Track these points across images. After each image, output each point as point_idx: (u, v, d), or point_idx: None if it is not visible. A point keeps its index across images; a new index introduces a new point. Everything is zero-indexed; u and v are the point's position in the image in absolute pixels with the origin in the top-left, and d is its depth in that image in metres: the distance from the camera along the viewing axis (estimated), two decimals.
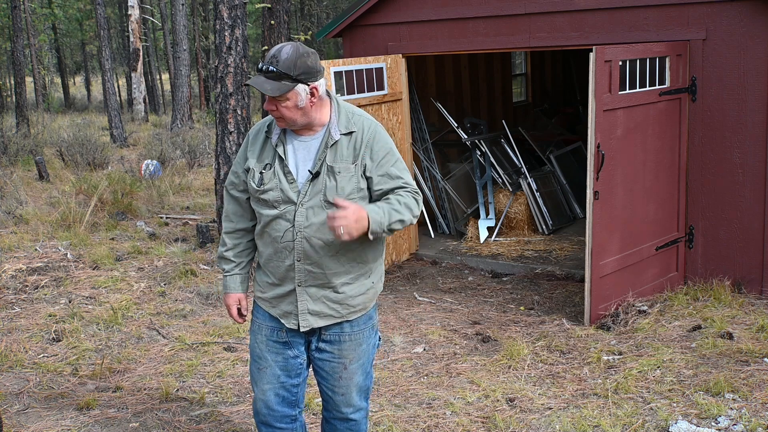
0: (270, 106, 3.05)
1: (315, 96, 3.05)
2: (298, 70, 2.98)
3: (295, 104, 3.02)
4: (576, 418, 4.52)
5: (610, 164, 5.98)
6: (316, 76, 3.04)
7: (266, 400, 3.37)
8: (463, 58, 10.39)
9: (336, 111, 3.16)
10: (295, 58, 2.98)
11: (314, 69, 3.03)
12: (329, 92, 3.19)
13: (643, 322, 5.93)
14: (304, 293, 3.20)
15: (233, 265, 3.39)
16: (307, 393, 4.94)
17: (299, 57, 2.99)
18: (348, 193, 3.08)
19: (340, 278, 3.19)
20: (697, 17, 6.44)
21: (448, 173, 9.41)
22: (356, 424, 3.45)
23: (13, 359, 5.54)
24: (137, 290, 7.10)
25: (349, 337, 3.29)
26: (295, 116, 3.06)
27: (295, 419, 3.44)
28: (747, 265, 6.54)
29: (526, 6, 7.22)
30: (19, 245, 8.55)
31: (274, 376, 3.33)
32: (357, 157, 3.10)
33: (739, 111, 6.38)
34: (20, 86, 19.80)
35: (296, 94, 3.01)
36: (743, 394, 4.72)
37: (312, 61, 3.02)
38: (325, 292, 3.20)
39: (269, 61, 3.00)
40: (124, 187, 11.45)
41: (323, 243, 3.11)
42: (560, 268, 7.62)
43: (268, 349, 3.33)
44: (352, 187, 3.09)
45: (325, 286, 3.19)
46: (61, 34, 36.27)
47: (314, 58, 3.05)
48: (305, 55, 3.01)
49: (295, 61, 2.98)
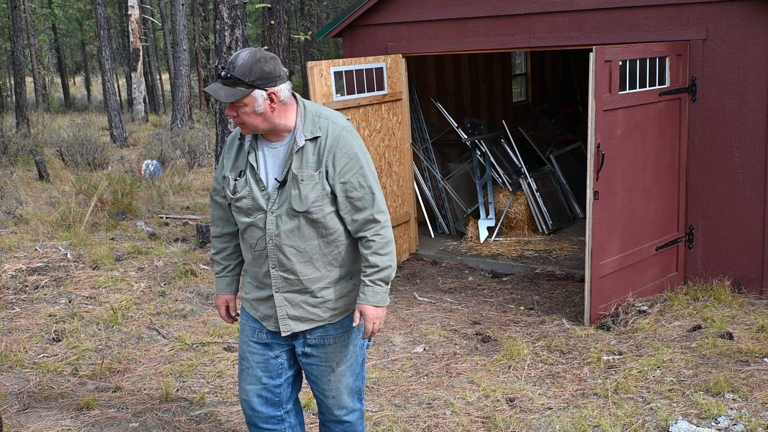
0: (231, 112, 3.04)
1: (274, 101, 3.01)
2: (254, 75, 2.95)
3: (253, 110, 3.00)
4: (576, 418, 4.52)
5: (610, 164, 5.98)
6: (275, 81, 3.00)
7: (249, 401, 3.38)
8: (463, 58, 10.39)
9: (302, 115, 3.11)
10: (251, 63, 2.95)
11: (272, 74, 2.99)
12: (297, 96, 3.15)
13: (643, 322, 5.93)
14: (282, 299, 3.19)
15: (221, 268, 3.45)
16: (307, 393, 4.94)
17: (255, 62, 2.95)
18: (312, 201, 3.06)
19: (317, 283, 3.17)
20: (697, 17, 6.44)
21: (448, 173, 9.41)
22: (351, 426, 3.43)
23: (13, 359, 5.54)
24: (137, 290, 7.10)
25: (334, 339, 3.26)
26: (256, 122, 3.04)
27: (281, 420, 3.43)
28: (747, 265, 6.54)
29: (526, 6, 7.22)
30: (19, 245, 8.55)
31: (256, 378, 3.34)
32: (320, 163, 3.06)
33: (739, 111, 6.38)
34: (20, 86, 19.80)
35: (253, 99, 2.98)
36: (743, 394, 4.72)
37: (270, 66, 2.98)
38: (304, 297, 3.19)
39: (226, 67, 2.98)
40: (124, 187, 11.45)
41: (294, 250, 3.11)
42: (560, 268, 7.62)
43: (249, 350, 3.34)
44: (316, 195, 3.05)
45: (303, 291, 3.18)
46: (61, 34, 36.27)
47: (273, 63, 3.01)
48: (262, 61, 2.97)
49: (250, 66, 2.94)
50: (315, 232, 3.12)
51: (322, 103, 7.07)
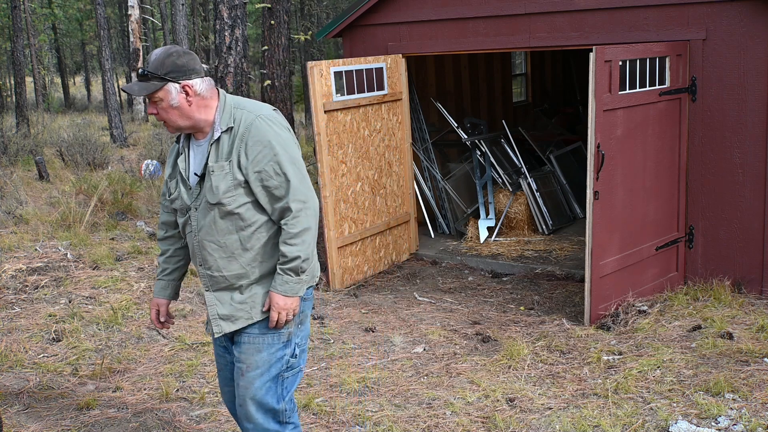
0: (151, 110, 3.05)
1: (190, 95, 3.01)
2: (166, 68, 2.96)
3: (168, 104, 3.00)
4: (576, 418, 4.51)
5: (610, 164, 5.98)
6: (189, 74, 3.01)
7: (226, 402, 3.42)
8: (463, 58, 10.39)
9: (221, 109, 3.09)
10: (164, 57, 2.97)
11: (185, 67, 3.00)
12: (221, 92, 3.13)
13: (643, 322, 5.93)
14: (213, 297, 3.15)
15: (160, 270, 3.45)
16: (307, 393, 4.95)
17: (168, 56, 2.98)
18: (223, 192, 3.01)
19: (242, 279, 3.10)
20: (697, 17, 6.44)
21: (448, 173, 9.41)
22: None
23: (13, 359, 5.54)
24: (137, 290, 7.10)
25: (249, 339, 3.13)
26: (174, 117, 3.04)
27: None
28: (747, 265, 6.54)
29: (526, 6, 7.22)
30: (19, 245, 8.55)
31: (225, 380, 3.36)
32: (230, 153, 3.02)
33: (739, 111, 6.38)
34: (20, 86, 19.80)
35: (167, 92, 2.99)
36: (743, 394, 4.72)
37: (183, 59, 3.00)
38: (232, 294, 3.13)
39: (142, 65, 3.00)
40: (124, 187, 11.45)
41: (215, 245, 3.08)
42: (560, 268, 7.62)
43: (217, 353, 3.36)
44: (227, 185, 3.01)
45: (230, 288, 3.12)
46: (61, 34, 36.28)
47: (188, 57, 3.02)
48: (174, 54, 2.99)
49: (163, 60, 2.97)
50: (233, 225, 3.05)
51: (323, 103, 7.07)
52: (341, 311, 6.68)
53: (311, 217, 3.03)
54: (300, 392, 4.99)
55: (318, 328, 6.23)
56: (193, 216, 3.10)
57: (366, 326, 6.23)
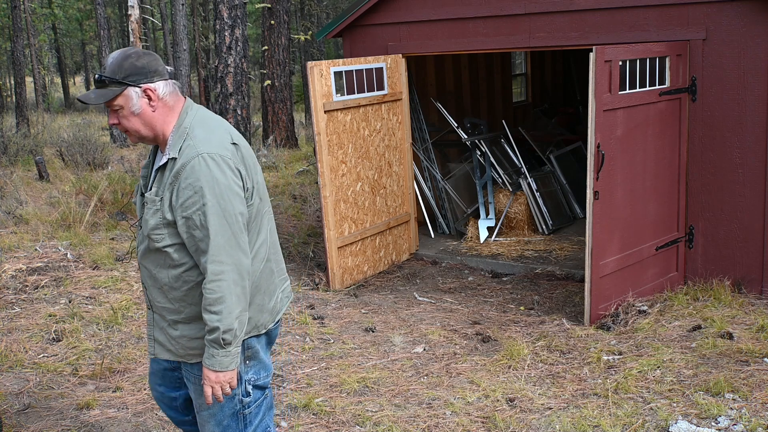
0: (112, 119, 2.78)
1: (153, 99, 2.74)
2: (125, 72, 2.69)
3: (130, 111, 2.72)
4: (576, 418, 4.51)
5: (610, 164, 5.98)
6: (150, 77, 2.72)
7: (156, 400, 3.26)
8: (463, 58, 10.39)
9: (177, 126, 2.76)
10: (121, 60, 2.70)
11: (145, 69, 2.72)
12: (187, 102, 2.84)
13: (643, 322, 5.92)
14: (152, 317, 2.94)
15: None
16: (307, 393, 4.95)
17: (126, 58, 2.71)
18: (152, 228, 2.74)
19: (171, 315, 2.85)
20: (697, 17, 6.44)
21: (448, 173, 9.41)
22: None
23: (13, 359, 5.54)
24: (137, 290, 7.10)
25: (191, 377, 2.90)
26: (137, 126, 2.75)
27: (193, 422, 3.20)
28: (747, 265, 6.54)
29: (526, 6, 7.22)
30: (19, 245, 8.54)
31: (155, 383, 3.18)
32: (165, 188, 2.71)
33: (739, 111, 6.38)
34: (20, 86, 19.81)
35: (127, 98, 2.71)
36: (743, 394, 4.72)
37: (143, 61, 2.72)
38: (163, 324, 2.89)
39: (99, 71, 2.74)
40: (124, 187, 11.44)
41: (149, 273, 2.85)
42: (560, 268, 7.62)
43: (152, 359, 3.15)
44: (156, 222, 2.74)
45: (162, 318, 2.89)
46: (61, 34, 36.29)
47: (148, 58, 2.74)
48: (133, 56, 2.72)
49: (120, 63, 2.70)
50: (163, 260, 2.79)
51: (323, 103, 7.06)
52: (341, 311, 6.69)
53: (231, 283, 2.65)
54: (300, 392, 4.99)
55: (318, 328, 6.23)
56: (138, 233, 2.87)
57: (366, 326, 6.23)
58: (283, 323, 6.43)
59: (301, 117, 23.10)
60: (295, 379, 5.24)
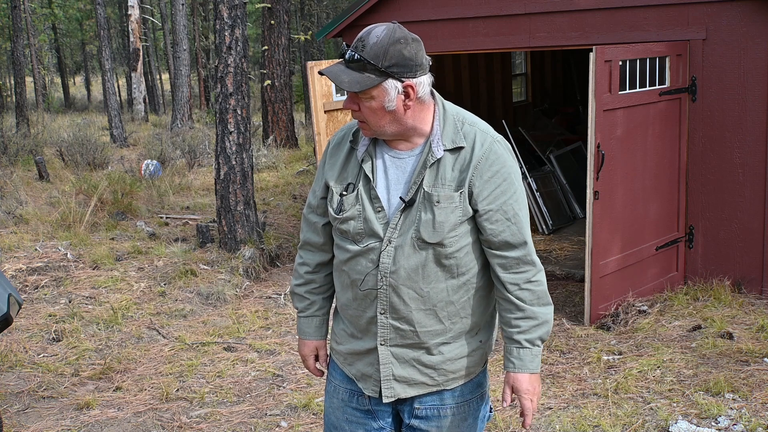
0: (351, 104, 2.35)
1: (411, 97, 2.31)
2: (390, 60, 2.24)
3: (381, 105, 2.29)
4: (576, 418, 4.51)
5: (610, 164, 5.98)
6: (415, 71, 2.28)
7: None
8: (463, 58, 10.39)
9: (441, 119, 2.39)
10: (387, 44, 2.24)
11: (412, 61, 2.27)
12: (436, 95, 2.43)
13: (643, 322, 5.93)
14: (389, 354, 2.45)
15: (307, 304, 2.66)
16: (307, 393, 4.95)
17: (393, 43, 2.25)
18: (449, 230, 2.34)
19: (437, 338, 2.44)
20: (697, 17, 6.44)
21: None
22: None
23: (13, 359, 5.54)
24: (137, 290, 7.10)
25: (452, 410, 2.50)
26: (382, 122, 2.33)
27: None
28: (747, 265, 6.54)
29: (526, 6, 7.22)
30: (19, 245, 8.55)
31: None
32: (463, 181, 2.34)
33: (739, 111, 6.38)
34: (20, 86, 19.81)
35: (384, 91, 2.28)
36: (743, 394, 4.72)
37: (411, 50, 2.27)
38: (416, 354, 2.45)
39: (354, 45, 2.28)
40: (124, 187, 11.45)
41: (415, 294, 2.38)
42: (560, 268, 7.62)
43: (346, 418, 2.58)
44: (454, 222, 2.34)
45: (417, 346, 2.44)
46: (61, 34, 36.30)
47: (416, 47, 2.29)
48: (401, 42, 2.26)
49: (386, 48, 2.24)
50: (443, 273, 2.39)
51: (323, 103, 7.06)
52: None
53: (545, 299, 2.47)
54: (300, 392, 4.99)
55: None
56: (386, 252, 2.37)
57: None
58: (283, 323, 6.43)
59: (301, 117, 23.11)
60: (295, 379, 5.24)
